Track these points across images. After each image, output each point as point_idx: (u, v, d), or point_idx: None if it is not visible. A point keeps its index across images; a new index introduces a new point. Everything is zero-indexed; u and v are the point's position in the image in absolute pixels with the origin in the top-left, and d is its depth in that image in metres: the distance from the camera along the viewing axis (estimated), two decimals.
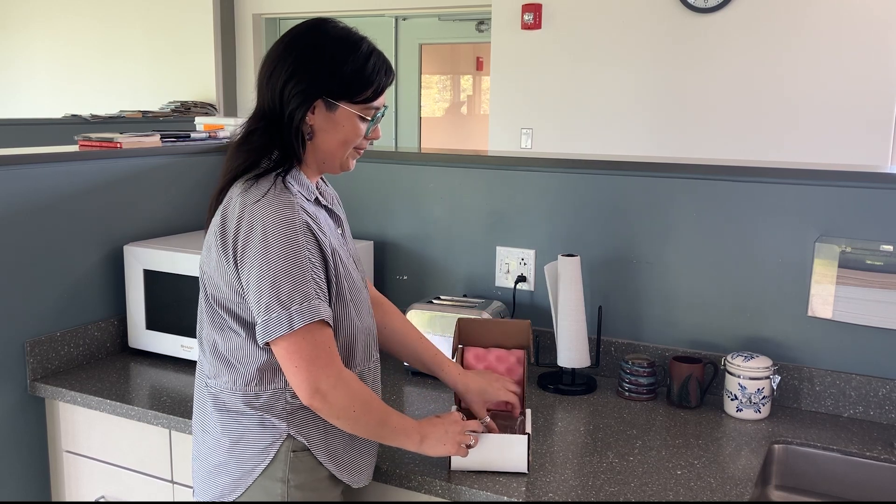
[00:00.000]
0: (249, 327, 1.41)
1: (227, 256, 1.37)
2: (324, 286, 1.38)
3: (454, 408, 1.69)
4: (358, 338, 1.49)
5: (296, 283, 1.32)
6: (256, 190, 1.36)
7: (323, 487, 1.47)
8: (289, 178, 1.40)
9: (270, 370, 1.42)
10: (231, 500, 1.43)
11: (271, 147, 1.41)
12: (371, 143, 1.52)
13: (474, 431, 1.53)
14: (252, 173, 1.39)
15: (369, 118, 1.44)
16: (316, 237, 1.38)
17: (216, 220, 1.41)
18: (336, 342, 1.42)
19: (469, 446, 1.52)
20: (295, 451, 1.43)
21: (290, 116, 1.39)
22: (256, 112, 1.45)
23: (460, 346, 1.75)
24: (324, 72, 1.38)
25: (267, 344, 1.37)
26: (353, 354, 1.49)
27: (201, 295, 1.49)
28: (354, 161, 1.50)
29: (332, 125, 1.41)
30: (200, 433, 1.52)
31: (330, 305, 1.41)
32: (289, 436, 1.42)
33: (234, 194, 1.39)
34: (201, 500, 1.52)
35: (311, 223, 1.38)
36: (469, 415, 1.64)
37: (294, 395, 1.41)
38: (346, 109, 1.40)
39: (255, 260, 1.33)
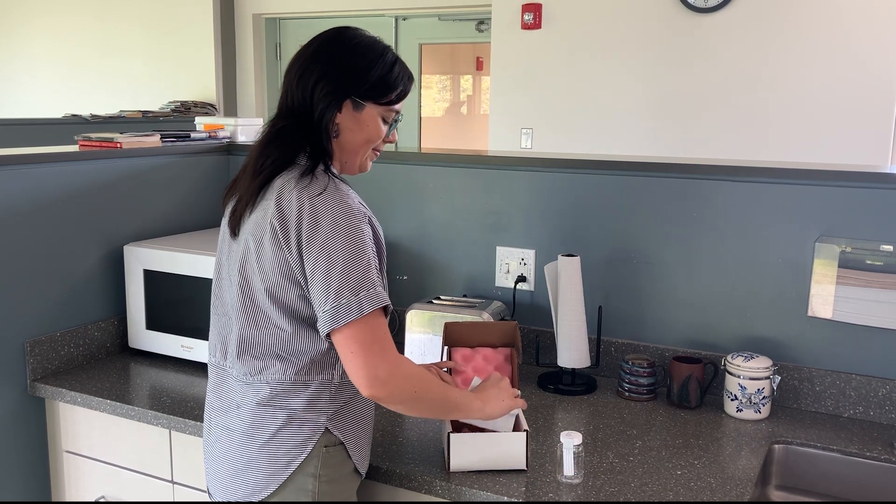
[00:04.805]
0: (299, 320, 1.42)
1: (291, 249, 1.38)
2: (380, 274, 1.42)
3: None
4: None
5: (363, 270, 1.37)
6: (315, 184, 1.40)
7: (347, 481, 1.49)
8: (334, 171, 1.46)
9: (321, 362, 1.44)
10: (263, 497, 1.43)
11: (302, 144, 1.46)
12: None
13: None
14: (299, 169, 1.43)
15: (391, 120, 1.53)
16: (373, 228, 1.44)
17: (270, 214, 1.41)
18: None
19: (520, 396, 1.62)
20: (327, 447, 1.44)
21: (320, 114, 1.45)
22: (282, 111, 1.50)
23: (446, 346, 1.77)
24: (353, 74, 1.46)
25: (328, 334, 1.38)
26: None
27: (232, 295, 1.48)
28: (371, 163, 1.58)
29: (357, 124, 1.48)
30: (223, 432, 1.50)
31: None
32: (325, 430, 1.44)
33: (287, 190, 1.41)
34: (218, 501, 1.52)
35: (371, 216, 1.45)
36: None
37: (339, 389, 1.45)
38: (371, 110, 1.48)
39: (323, 249, 1.36)
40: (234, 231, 1.49)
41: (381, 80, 1.47)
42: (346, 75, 1.45)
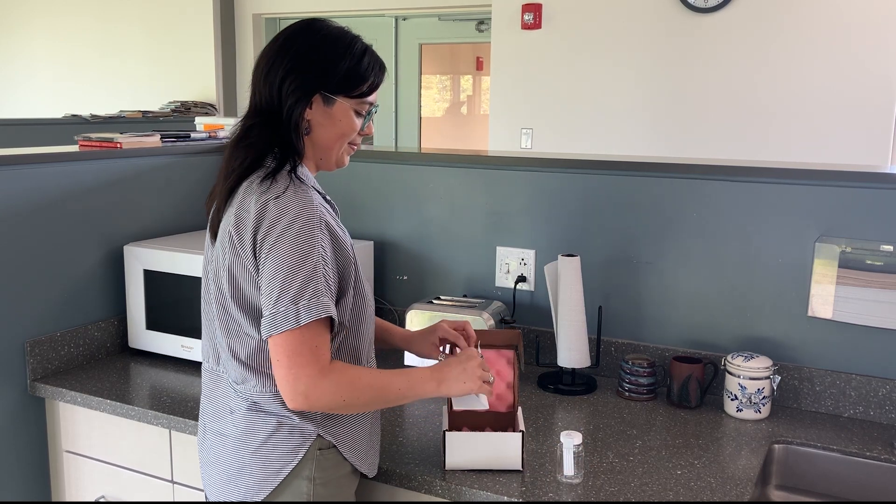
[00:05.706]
0: None
1: (246, 252, 1.37)
2: (332, 284, 1.38)
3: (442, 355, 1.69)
4: (369, 335, 1.52)
5: (307, 278, 1.33)
6: (276, 187, 1.37)
7: (344, 483, 1.48)
8: (300, 173, 1.42)
9: None
10: (257, 500, 1.42)
11: (271, 143, 1.42)
12: (370, 141, 1.53)
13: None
14: (263, 171, 1.40)
15: (364, 113, 1.48)
16: (333, 234, 1.40)
17: (229, 220, 1.40)
18: (358, 340, 1.46)
19: (489, 382, 1.50)
20: (321, 450, 1.43)
21: (288, 112, 1.41)
22: (251, 109, 1.46)
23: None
24: (321, 68, 1.41)
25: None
26: (363, 352, 1.50)
27: (212, 303, 1.47)
28: (348, 157, 1.53)
29: (329, 119, 1.44)
30: (216, 437, 1.49)
31: (348, 303, 1.43)
32: (318, 435, 1.43)
33: (249, 193, 1.39)
34: (210, 501, 1.51)
35: (331, 220, 1.41)
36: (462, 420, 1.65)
37: None
38: (342, 104, 1.44)
39: (270, 253, 1.33)
40: (214, 236, 1.48)
41: (351, 73, 1.42)
42: (313, 69, 1.40)
